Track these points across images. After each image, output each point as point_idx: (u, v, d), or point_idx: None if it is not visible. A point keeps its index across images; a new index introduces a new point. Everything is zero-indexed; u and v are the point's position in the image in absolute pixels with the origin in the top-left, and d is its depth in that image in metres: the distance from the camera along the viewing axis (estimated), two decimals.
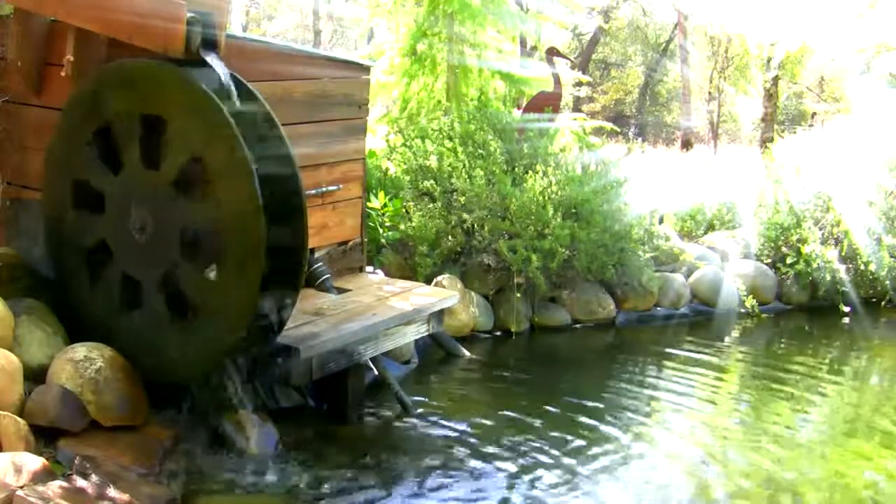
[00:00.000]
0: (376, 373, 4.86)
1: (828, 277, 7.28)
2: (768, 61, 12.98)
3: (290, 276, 3.66)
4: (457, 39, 7.88)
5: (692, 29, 19.20)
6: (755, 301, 7.15)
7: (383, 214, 6.17)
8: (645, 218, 7.19)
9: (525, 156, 6.91)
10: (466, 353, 5.84)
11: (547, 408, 4.87)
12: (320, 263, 4.74)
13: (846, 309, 7.26)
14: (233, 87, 3.46)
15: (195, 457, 3.73)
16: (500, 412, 4.79)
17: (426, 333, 4.95)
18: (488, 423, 4.61)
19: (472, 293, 6.27)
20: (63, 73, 3.79)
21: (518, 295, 6.30)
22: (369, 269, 5.43)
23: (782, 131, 13.34)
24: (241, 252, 3.43)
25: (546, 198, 6.37)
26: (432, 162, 6.69)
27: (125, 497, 3.09)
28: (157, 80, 3.49)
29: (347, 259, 5.17)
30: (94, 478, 3.14)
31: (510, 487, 3.86)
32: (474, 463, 4.09)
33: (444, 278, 5.99)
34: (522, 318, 6.43)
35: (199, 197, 3.55)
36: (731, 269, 7.41)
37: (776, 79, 13.40)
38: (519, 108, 8.32)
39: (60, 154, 3.81)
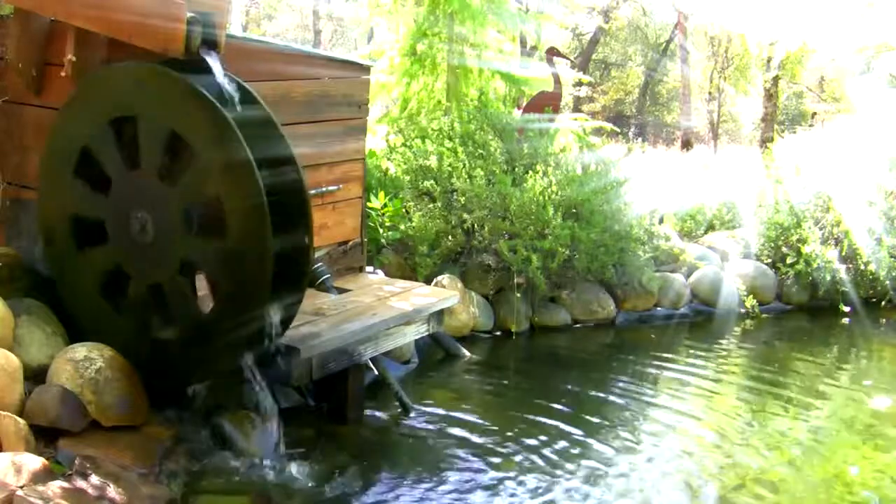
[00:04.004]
0: (376, 373, 4.86)
1: (828, 277, 7.27)
2: (768, 61, 12.97)
3: (295, 278, 3.65)
4: (457, 39, 7.88)
5: (692, 29, 19.20)
6: (755, 301, 7.14)
7: (383, 214, 6.17)
8: (645, 218, 7.19)
9: (525, 156, 6.91)
10: (466, 353, 5.84)
11: (547, 408, 4.87)
12: (320, 263, 4.75)
13: (846, 309, 7.25)
14: (230, 88, 3.47)
15: (195, 457, 3.73)
16: (500, 412, 4.79)
17: (426, 333, 4.96)
18: (488, 423, 4.61)
19: (472, 293, 6.27)
20: (63, 73, 3.79)
21: (518, 295, 6.30)
22: (369, 269, 5.43)
23: (782, 131, 13.31)
24: (248, 252, 3.42)
25: (546, 198, 6.37)
26: (432, 162, 6.69)
27: (125, 497, 3.09)
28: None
29: (347, 259, 5.17)
30: (94, 478, 3.14)
31: (510, 488, 3.86)
32: (474, 463, 4.09)
33: (444, 278, 5.99)
34: (522, 318, 6.43)
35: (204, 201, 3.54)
36: (731, 269, 7.41)
37: (776, 79, 13.39)
38: (519, 108, 8.32)
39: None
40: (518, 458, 4.17)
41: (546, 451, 4.25)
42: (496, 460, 4.13)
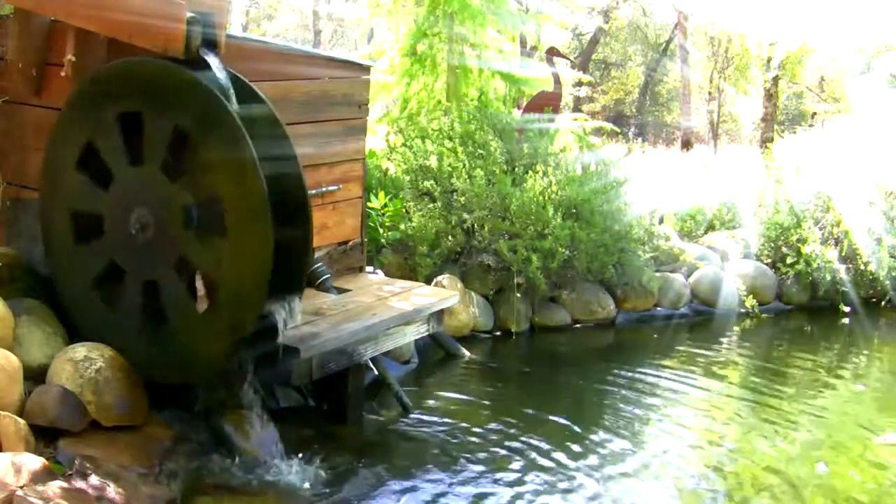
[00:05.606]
0: (376, 373, 4.86)
1: (828, 277, 7.28)
2: (768, 61, 12.97)
3: (295, 276, 3.65)
4: (457, 39, 7.88)
5: (692, 29, 19.20)
6: (755, 301, 7.15)
7: (383, 214, 6.17)
8: (645, 218, 7.19)
9: (525, 156, 6.92)
10: (466, 353, 5.84)
11: (547, 408, 4.87)
12: (320, 263, 4.74)
13: (846, 309, 7.26)
14: (231, 88, 3.46)
15: (195, 457, 3.72)
16: (499, 412, 4.79)
17: (426, 333, 4.95)
18: (488, 423, 4.61)
19: (472, 293, 6.27)
20: (63, 73, 3.79)
21: (518, 295, 6.30)
22: (369, 269, 5.43)
23: (782, 131, 13.32)
24: (248, 249, 3.42)
25: (546, 198, 6.37)
26: (432, 162, 6.69)
27: (125, 497, 3.09)
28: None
29: (347, 259, 5.17)
30: (93, 478, 3.14)
31: (509, 488, 3.86)
32: (474, 463, 4.09)
33: (444, 278, 5.99)
34: (522, 318, 6.43)
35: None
36: (731, 269, 7.42)
37: (776, 79, 13.39)
38: (519, 108, 8.33)
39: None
40: (518, 457, 4.17)
41: (546, 451, 4.25)
42: (495, 460, 4.13)
